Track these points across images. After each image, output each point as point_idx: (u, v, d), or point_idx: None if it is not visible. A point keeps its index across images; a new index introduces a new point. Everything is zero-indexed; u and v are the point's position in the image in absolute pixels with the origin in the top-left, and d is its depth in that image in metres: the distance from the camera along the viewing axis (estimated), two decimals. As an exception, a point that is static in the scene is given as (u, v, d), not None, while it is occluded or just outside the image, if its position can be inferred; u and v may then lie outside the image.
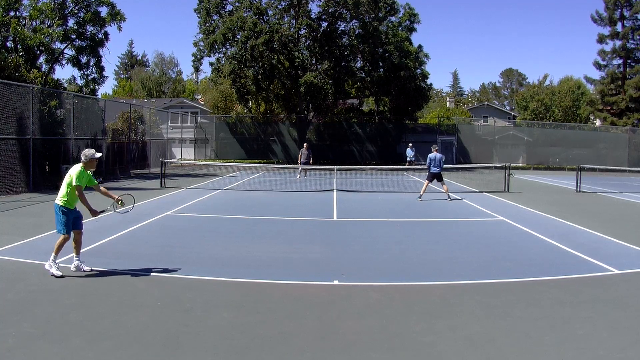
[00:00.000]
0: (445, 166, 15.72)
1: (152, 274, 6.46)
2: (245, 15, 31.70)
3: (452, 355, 4.18)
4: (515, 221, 11.05)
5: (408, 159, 28.12)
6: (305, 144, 24.31)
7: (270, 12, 33.07)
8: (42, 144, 17.19)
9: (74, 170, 6.37)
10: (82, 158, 6.53)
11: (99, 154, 6.62)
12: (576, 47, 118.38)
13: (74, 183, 6.28)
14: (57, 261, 6.29)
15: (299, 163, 23.07)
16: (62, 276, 6.10)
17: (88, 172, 6.52)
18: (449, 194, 15.09)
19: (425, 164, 15.55)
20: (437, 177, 14.97)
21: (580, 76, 67.73)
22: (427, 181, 15.12)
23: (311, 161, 23.35)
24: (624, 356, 4.15)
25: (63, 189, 6.34)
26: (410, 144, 28.99)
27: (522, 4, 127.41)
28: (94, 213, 6.37)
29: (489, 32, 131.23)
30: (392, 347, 4.31)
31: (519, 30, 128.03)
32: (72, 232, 6.38)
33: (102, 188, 6.63)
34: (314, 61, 33.37)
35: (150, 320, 4.86)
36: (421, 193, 14.98)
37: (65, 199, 6.30)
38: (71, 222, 6.34)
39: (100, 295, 5.60)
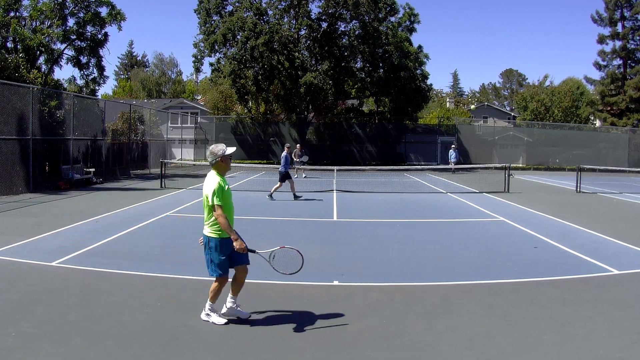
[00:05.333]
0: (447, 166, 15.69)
1: (152, 274, 6.46)
2: (245, 15, 31.71)
3: (452, 355, 4.17)
4: (515, 221, 11.04)
5: (451, 160, 27.67)
6: (298, 145, 24.41)
7: (270, 13, 33.08)
8: (42, 144, 17.20)
9: (211, 183, 4.66)
10: (212, 157, 4.78)
11: (230, 149, 4.84)
12: (576, 47, 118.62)
13: (215, 202, 4.59)
14: (212, 307, 4.88)
15: (294, 163, 23.37)
16: (227, 323, 4.76)
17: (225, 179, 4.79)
18: (295, 193, 14.97)
19: (425, 165, 15.59)
20: (284, 176, 14.84)
21: (581, 76, 67.76)
22: (280, 182, 14.96)
23: (300, 159, 23.49)
24: (624, 356, 4.15)
25: (207, 213, 4.73)
26: (453, 146, 28.64)
27: (522, 4, 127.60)
28: (239, 243, 4.64)
29: (489, 32, 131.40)
30: (392, 347, 4.31)
31: (519, 30, 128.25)
32: (233, 269, 4.86)
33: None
34: (313, 62, 33.36)
35: (150, 320, 4.86)
36: (272, 191, 14.87)
37: (219, 228, 4.66)
38: (227, 258, 4.76)
39: (100, 295, 5.60)
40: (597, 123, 43.63)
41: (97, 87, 25.93)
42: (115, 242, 8.41)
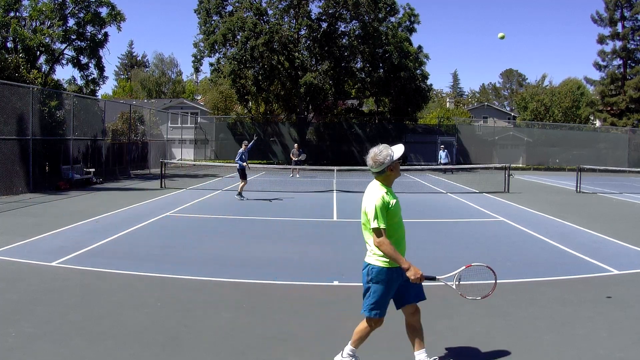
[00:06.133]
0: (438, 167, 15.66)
1: (152, 274, 6.45)
2: (245, 15, 31.72)
3: (452, 356, 4.17)
4: (515, 221, 11.04)
5: (441, 161, 27.96)
6: (295, 145, 25.08)
7: (270, 13, 33.10)
8: (42, 144, 17.21)
9: (373, 197, 3.53)
10: (376, 166, 3.62)
11: (399, 150, 3.66)
12: (576, 47, 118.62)
13: (375, 225, 3.46)
14: (353, 353, 3.81)
15: (292, 163, 24.02)
16: None
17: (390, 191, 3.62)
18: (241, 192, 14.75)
19: (425, 165, 15.53)
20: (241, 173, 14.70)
21: (580, 77, 67.79)
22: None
23: (301, 158, 24.18)
24: (624, 356, 4.15)
25: (369, 235, 3.61)
26: (442, 146, 28.82)
27: (522, 4, 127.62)
28: (414, 271, 3.54)
29: (489, 32, 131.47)
30: (392, 347, 4.31)
31: (519, 30, 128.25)
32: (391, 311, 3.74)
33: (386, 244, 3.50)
34: (313, 62, 33.37)
35: (150, 320, 4.86)
36: (238, 190, 14.75)
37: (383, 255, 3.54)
38: (392, 293, 3.67)
39: (100, 295, 5.59)
40: (597, 123, 43.63)
41: (97, 88, 25.95)
42: (115, 242, 8.41)
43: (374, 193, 3.55)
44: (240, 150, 14.97)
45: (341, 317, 5.01)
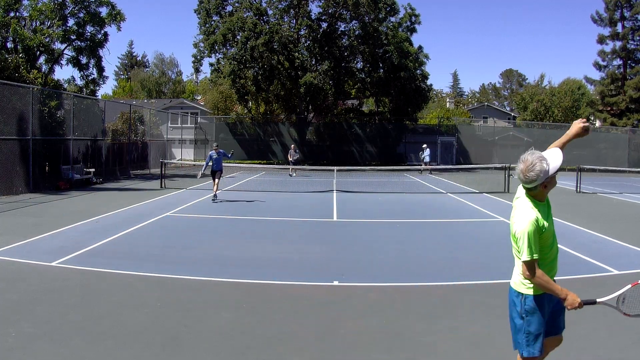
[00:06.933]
0: (444, 167, 15.66)
1: (152, 274, 6.45)
2: (245, 15, 31.74)
3: (452, 356, 4.17)
4: (515, 221, 11.03)
5: (424, 159, 28.03)
6: (292, 145, 25.39)
7: (270, 13, 33.13)
8: (42, 144, 17.20)
9: (523, 220, 2.97)
10: (526, 182, 3.03)
11: (555, 161, 3.13)
12: (576, 47, 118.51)
13: (526, 257, 2.96)
14: None
15: (290, 163, 24.31)
16: None
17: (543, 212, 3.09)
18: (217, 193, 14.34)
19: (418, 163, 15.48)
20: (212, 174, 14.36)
21: (580, 77, 67.82)
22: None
23: (297, 158, 24.70)
24: (624, 356, 4.15)
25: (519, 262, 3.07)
26: (424, 145, 28.87)
27: (522, 4, 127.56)
28: (572, 299, 3.13)
29: (489, 32, 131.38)
30: (392, 347, 4.31)
31: (519, 30, 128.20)
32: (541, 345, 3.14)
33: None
34: (313, 62, 33.39)
35: (150, 320, 4.86)
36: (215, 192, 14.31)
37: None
38: (544, 324, 3.16)
39: (100, 295, 5.59)
40: (597, 123, 43.63)
41: (96, 88, 25.96)
42: (115, 242, 8.41)
43: (524, 216, 2.99)
44: (211, 152, 14.42)
45: (341, 317, 5.01)
